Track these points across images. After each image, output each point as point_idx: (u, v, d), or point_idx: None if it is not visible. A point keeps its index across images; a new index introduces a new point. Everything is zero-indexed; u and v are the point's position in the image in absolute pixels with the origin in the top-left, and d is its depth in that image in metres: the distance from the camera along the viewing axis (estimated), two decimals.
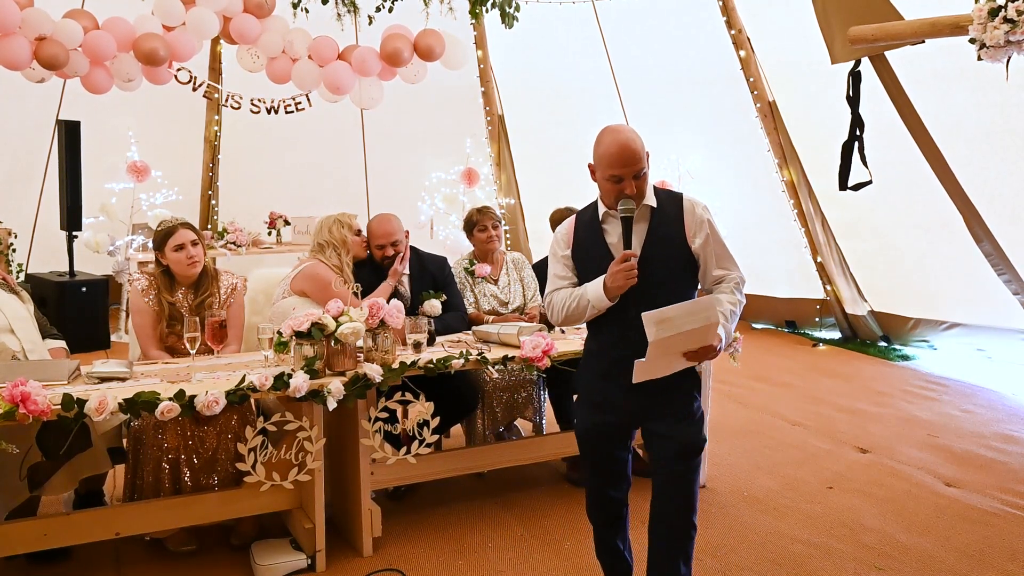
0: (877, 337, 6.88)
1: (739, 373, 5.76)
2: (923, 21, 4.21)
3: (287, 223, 7.68)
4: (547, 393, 4.05)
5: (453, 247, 7.32)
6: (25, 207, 7.05)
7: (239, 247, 7.22)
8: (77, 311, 6.34)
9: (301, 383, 2.81)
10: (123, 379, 2.90)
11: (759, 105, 6.80)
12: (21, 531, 2.79)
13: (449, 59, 6.23)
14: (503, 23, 6.37)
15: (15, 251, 6.70)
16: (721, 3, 6.72)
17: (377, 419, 3.10)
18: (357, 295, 3.17)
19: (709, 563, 3.12)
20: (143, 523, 2.94)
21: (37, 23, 5.08)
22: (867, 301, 6.91)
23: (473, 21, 6.73)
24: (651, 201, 2.43)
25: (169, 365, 3.16)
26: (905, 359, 6.44)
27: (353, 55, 6.02)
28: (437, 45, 6.07)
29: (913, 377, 5.95)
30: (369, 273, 3.74)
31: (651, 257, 2.38)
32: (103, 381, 2.88)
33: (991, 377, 5.83)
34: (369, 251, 3.84)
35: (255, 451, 2.92)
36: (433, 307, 3.76)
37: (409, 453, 3.20)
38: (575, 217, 2.58)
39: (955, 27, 3.94)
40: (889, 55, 5.27)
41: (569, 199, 4.47)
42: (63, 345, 3.41)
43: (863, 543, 3.32)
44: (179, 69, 5.86)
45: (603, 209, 2.47)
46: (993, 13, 3.66)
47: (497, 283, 4.17)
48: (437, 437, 3.51)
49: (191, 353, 3.15)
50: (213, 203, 8.14)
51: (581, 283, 2.48)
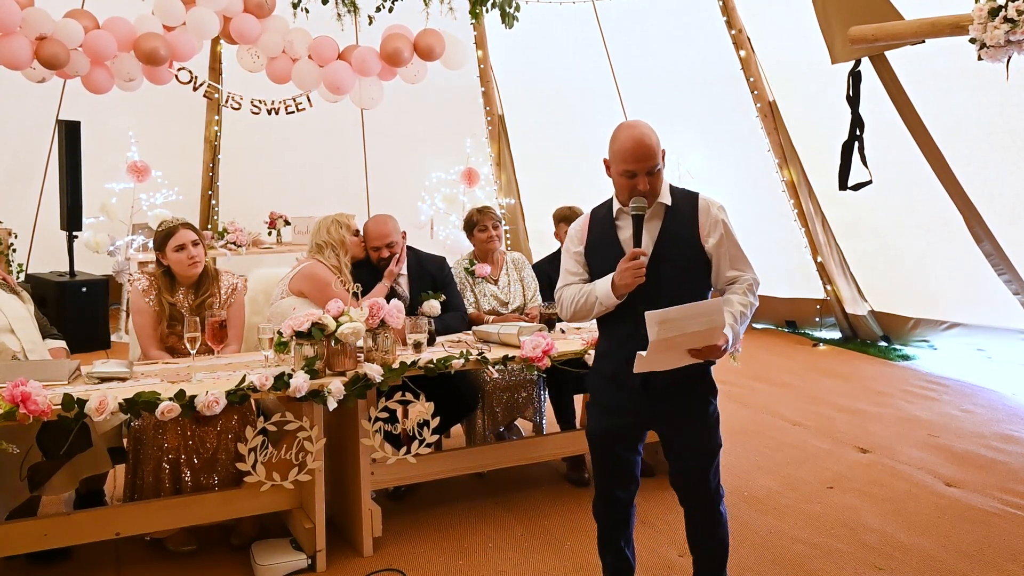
0: (877, 337, 6.88)
1: (739, 373, 5.75)
2: (923, 21, 4.21)
3: (287, 223, 7.68)
4: (547, 393, 4.05)
5: (453, 247, 7.31)
6: (25, 207, 7.05)
7: (239, 247, 7.23)
8: (77, 311, 6.34)
9: (301, 383, 2.81)
10: (123, 379, 2.90)
11: (759, 105, 6.80)
12: (21, 531, 2.79)
13: (449, 59, 6.23)
14: (503, 23, 6.37)
15: (15, 251, 6.70)
16: (721, 3, 6.71)
17: (377, 419, 3.10)
18: (357, 296, 3.17)
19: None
20: (143, 523, 2.94)
21: (38, 22, 5.08)
22: (867, 301, 6.91)
23: (473, 21, 6.72)
24: (666, 199, 2.42)
25: (169, 365, 3.16)
26: (905, 359, 6.44)
27: (353, 55, 6.02)
28: (437, 45, 6.08)
29: (913, 377, 5.95)
30: (367, 274, 3.73)
31: (663, 255, 2.37)
32: (103, 381, 2.88)
33: (991, 377, 5.83)
34: (366, 250, 3.85)
35: (255, 451, 2.92)
36: (432, 307, 3.76)
37: (409, 453, 3.20)
38: (590, 213, 2.57)
39: (955, 27, 3.94)
40: (889, 55, 5.27)
41: (569, 199, 4.47)
42: (63, 345, 3.41)
43: (863, 543, 3.32)
44: (180, 69, 5.86)
45: (617, 206, 2.46)
46: (993, 13, 3.66)
47: (497, 283, 4.17)
48: (437, 437, 3.51)
49: (191, 353, 3.15)
50: (213, 203, 8.14)
51: (592, 279, 2.48)
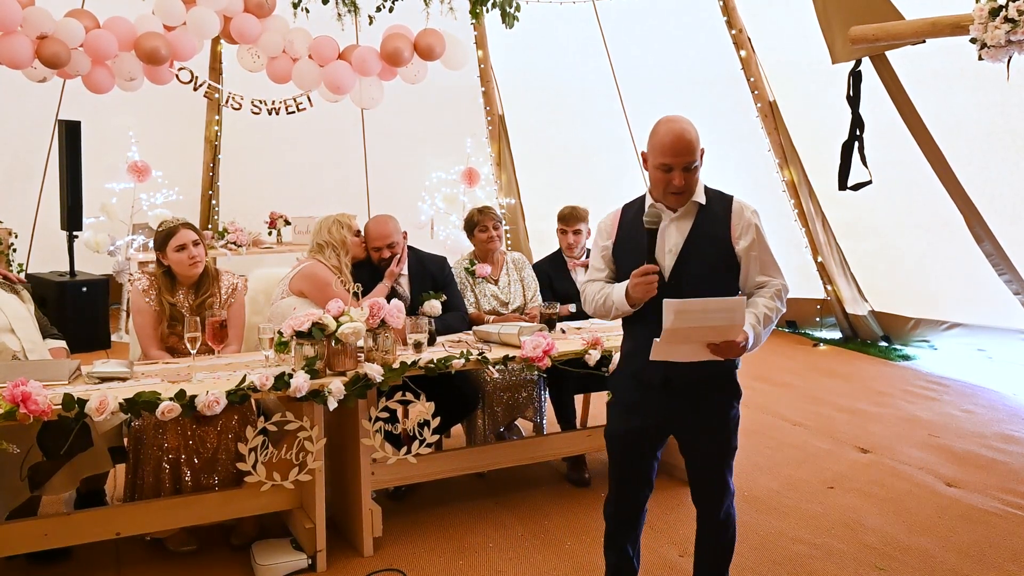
0: (878, 337, 6.88)
1: (740, 373, 5.72)
2: (924, 21, 4.20)
3: (287, 223, 7.68)
4: (547, 393, 4.05)
5: (453, 247, 7.31)
6: (25, 207, 7.05)
7: (239, 247, 7.23)
8: (77, 311, 6.33)
9: (302, 383, 2.81)
10: (123, 379, 2.90)
11: (759, 105, 6.80)
12: (22, 531, 2.79)
13: (449, 59, 6.23)
14: (503, 23, 6.37)
15: (15, 251, 6.70)
16: (721, 3, 6.71)
17: (378, 419, 3.10)
18: (358, 296, 3.17)
19: None
20: (144, 523, 2.94)
21: (38, 22, 5.08)
22: (868, 301, 6.91)
23: (473, 21, 6.72)
24: (700, 198, 2.40)
25: (170, 365, 3.16)
26: (906, 359, 6.44)
27: (353, 55, 6.02)
28: (437, 45, 6.07)
29: (914, 377, 5.95)
30: (368, 274, 3.73)
31: (691, 255, 2.36)
32: (104, 381, 2.88)
33: (992, 377, 5.83)
34: (367, 250, 3.85)
35: (256, 451, 2.92)
36: (433, 307, 3.76)
37: (410, 453, 3.20)
38: (621, 208, 2.56)
39: (956, 27, 3.94)
40: (890, 55, 5.27)
41: (570, 198, 4.47)
42: (63, 345, 3.40)
43: (864, 543, 3.32)
44: (180, 69, 5.86)
45: (649, 201, 2.44)
46: (994, 13, 3.66)
47: (497, 283, 4.17)
48: (438, 437, 3.51)
49: (192, 353, 3.16)
50: (213, 203, 8.14)
51: (619, 275, 2.49)
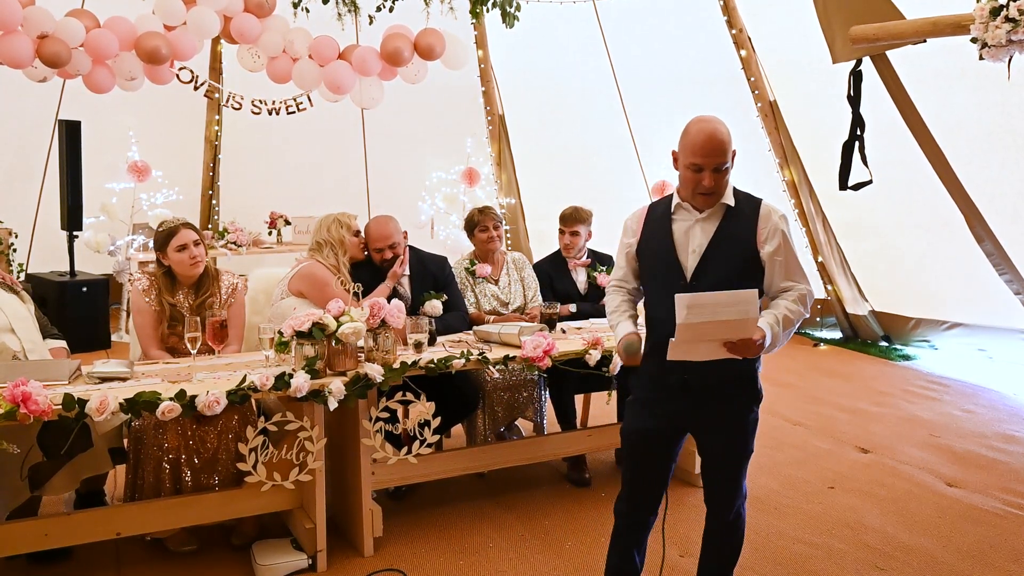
0: (878, 337, 6.88)
1: None
2: (924, 20, 4.20)
3: (287, 223, 7.68)
4: (548, 393, 4.05)
5: (454, 247, 7.31)
6: (25, 207, 7.05)
7: (240, 247, 7.23)
8: (78, 311, 6.33)
9: (302, 383, 2.81)
10: (124, 379, 2.89)
11: (760, 105, 6.79)
12: (22, 531, 2.79)
13: (450, 59, 6.23)
14: (504, 23, 6.37)
15: (15, 251, 6.70)
16: (722, 2, 6.71)
17: (378, 419, 3.10)
18: (358, 296, 3.17)
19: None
20: (144, 523, 2.94)
21: (39, 21, 5.08)
22: (868, 301, 6.90)
23: (474, 21, 6.73)
24: (728, 200, 2.40)
25: (170, 365, 3.16)
26: (906, 359, 6.44)
27: (353, 55, 6.01)
28: (438, 45, 6.07)
29: (914, 377, 5.95)
30: (369, 274, 3.72)
31: (714, 256, 2.35)
32: (104, 381, 2.87)
33: (992, 377, 5.83)
34: (368, 253, 3.84)
35: (256, 451, 2.92)
36: (434, 307, 3.75)
37: (410, 453, 3.20)
38: (649, 205, 2.55)
39: (956, 26, 3.94)
40: (890, 54, 5.27)
41: (570, 198, 4.47)
42: (64, 345, 3.40)
43: (864, 543, 3.32)
44: (181, 68, 5.86)
45: (677, 201, 2.43)
46: (995, 12, 3.65)
47: (498, 283, 4.16)
48: (438, 437, 3.51)
49: (192, 353, 3.15)
50: (214, 203, 8.14)
51: (642, 273, 2.50)
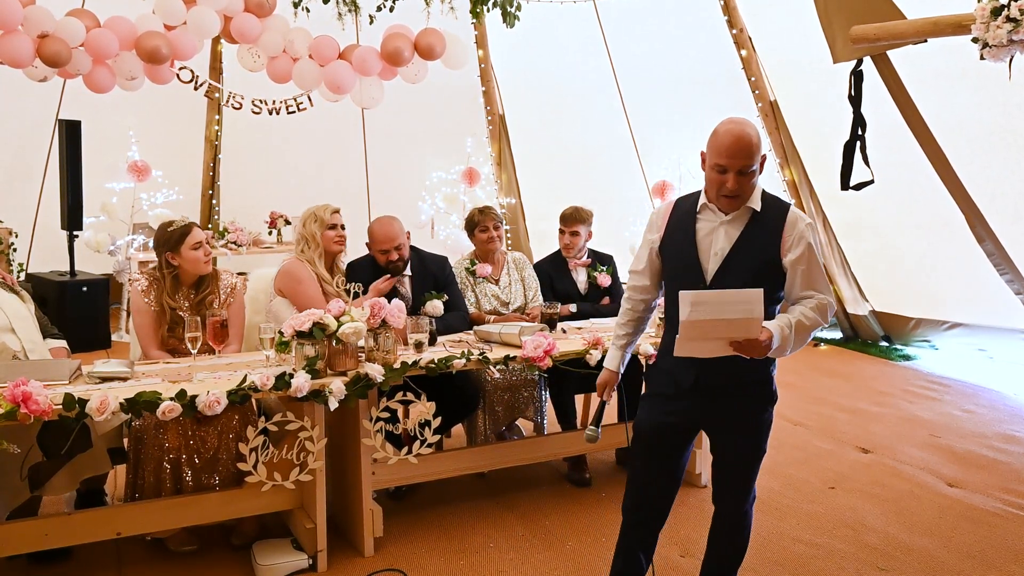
0: (878, 337, 6.88)
1: None
2: (925, 20, 4.20)
3: (288, 222, 7.67)
4: (548, 393, 4.05)
5: (454, 247, 7.31)
6: (26, 206, 7.04)
7: (240, 247, 7.23)
8: (78, 311, 6.33)
9: (302, 383, 2.81)
10: (124, 379, 2.89)
11: (760, 105, 6.79)
12: (22, 531, 2.79)
13: (450, 58, 6.22)
14: (504, 22, 6.37)
15: (16, 250, 6.69)
16: (722, 2, 6.71)
17: (378, 419, 3.09)
18: (359, 294, 3.17)
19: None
20: (144, 523, 2.94)
21: (39, 21, 5.08)
22: (868, 301, 6.90)
23: (474, 20, 6.72)
24: (755, 204, 2.36)
25: (170, 365, 3.16)
26: (906, 359, 6.44)
27: (354, 54, 6.01)
28: (438, 44, 6.06)
29: (915, 377, 5.95)
30: (370, 274, 3.72)
31: (735, 261, 2.33)
32: (104, 381, 2.87)
33: (993, 377, 5.83)
34: (369, 250, 3.84)
35: (256, 451, 2.92)
36: (435, 307, 3.75)
37: (410, 453, 3.20)
38: (675, 201, 2.53)
39: (957, 26, 3.93)
40: (891, 54, 5.26)
41: (570, 198, 4.47)
42: (64, 345, 3.40)
43: (865, 543, 3.32)
44: (181, 68, 5.86)
45: (702, 200, 2.40)
46: (996, 12, 3.65)
47: (498, 283, 4.16)
48: (438, 437, 3.50)
49: (192, 353, 3.15)
50: (214, 203, 8.13)
51: (665, 270, 2.48)
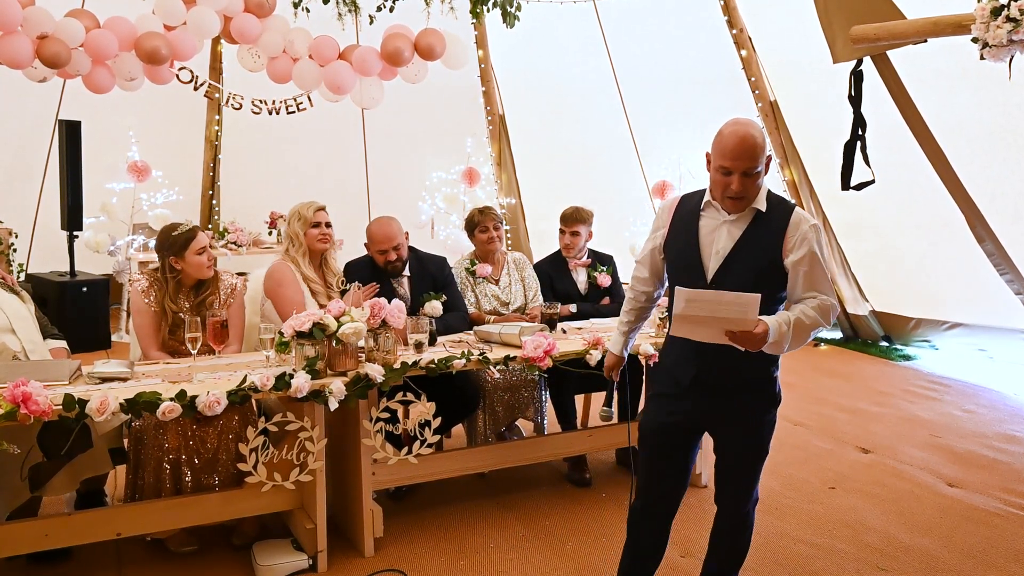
0: (879, 337, 6.88)
1: None
2: (925, 20, 4.20)
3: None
4: (548, 393, 4.05)
5: (454, 247, 7.31)
6: (26, 207, 7.04)
7: (240, 247, 7.23)
8: (78, 311, 6.33)
9: (302, 383, 2.81)
10: (124, 379, 2.89)
11: (760, 105, 6.79)
12: (22, 531, 2.79)
13: (450, 59, 6.22)
14: (504, 23, 6.37)
15: (16, 251, 6.69)
16: (722, 2, 6.71)
17: (378, 419, 3.09)
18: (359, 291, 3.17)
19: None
20: (144, 523, 2.94)
21: (38, 22, 5.08)
22: (868, 301, 6.90)
23: (474, 21, 6.72)
24: (760, 205, 2.33)
25: (170, 365, 3.16)
26: (907, 359, 6.44)
27: (354, 55, 6.01)
28: (438, 45, 6.07)
29: (915, 377, 5.95)
30: (368, 274, 3.72)
31: (736, 261, 2.31)
32: (104, 381, 2.87)
33: (993, 377, 5.83)
34: (368, 251, 3.84)
35: (256, 451, 2.92)
36: (434, 308, 3.75)
37: (410, 453, 3.20)
38: (681, 197, 2.52)
39: (957, 26, 3.93)
40: (891, 54, 5.26)
41: (571, 198, 4.47)
42: (64, 345, 3.40)
43: (865, 543, 3.31)
44: (181, 68, 5.86)
45: (707, 198, 2.40)
46: (996, 12, 3.65)
47: (498, 283, 4.16)
48: (438, 437, 3.51)
49: (192, 353, 3.15)
50: (214, 203, 8.14)
51: (669, 264, 2.48)
